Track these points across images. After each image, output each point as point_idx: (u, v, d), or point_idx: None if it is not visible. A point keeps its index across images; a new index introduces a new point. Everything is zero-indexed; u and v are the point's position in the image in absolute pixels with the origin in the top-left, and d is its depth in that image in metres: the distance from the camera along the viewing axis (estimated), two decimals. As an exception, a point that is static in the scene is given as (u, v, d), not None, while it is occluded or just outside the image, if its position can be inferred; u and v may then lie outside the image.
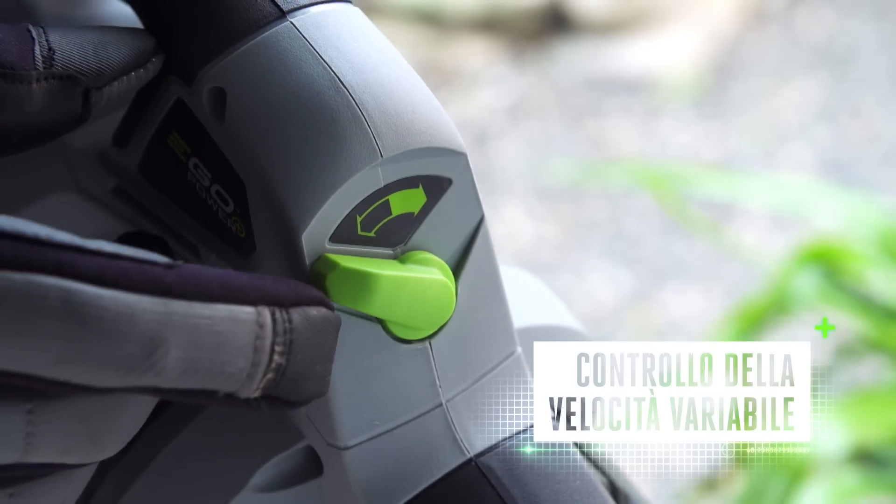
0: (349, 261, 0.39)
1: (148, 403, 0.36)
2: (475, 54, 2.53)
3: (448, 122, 0.40)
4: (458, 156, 0.40)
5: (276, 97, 0.39)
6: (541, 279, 0.54)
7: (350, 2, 0.41)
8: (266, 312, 0.35)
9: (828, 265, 1.59)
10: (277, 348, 0.35)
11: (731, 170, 2.27)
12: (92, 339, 0.33)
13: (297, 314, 0.36)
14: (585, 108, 2.46)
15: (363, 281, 0.39)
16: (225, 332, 0.34)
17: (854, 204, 1.71)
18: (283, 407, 0.36)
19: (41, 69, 0.38)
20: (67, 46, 0.39)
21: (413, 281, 0.40)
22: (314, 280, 0.39)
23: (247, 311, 0.35)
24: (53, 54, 0.38)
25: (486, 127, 2.29)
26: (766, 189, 1.82)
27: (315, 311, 0.37)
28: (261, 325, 0.35)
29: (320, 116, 0.39)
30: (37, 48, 0.38)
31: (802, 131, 2.39)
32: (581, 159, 2.36)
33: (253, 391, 0.35)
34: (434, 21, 2.50)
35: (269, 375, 0.35)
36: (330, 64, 0.39)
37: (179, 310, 0.34)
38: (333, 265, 0.39)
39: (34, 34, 0.38)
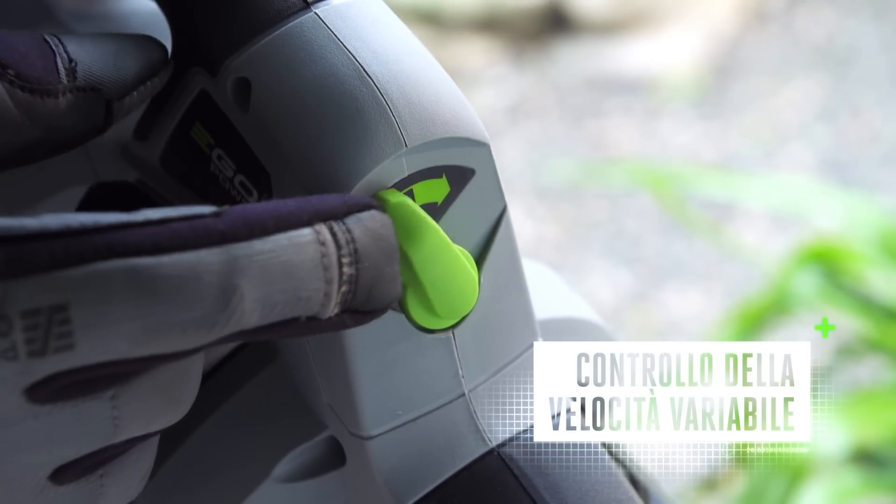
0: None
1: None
2: (475, 54, 2.53)
3: (471, 113, 0.41)
4: (481, 146, 0.41)
5: (300, 87, 0.39)
6: (558, 272, 0.54)
7: (373, -7, 0.42)
8: (323, 229, 0.35)
9: (828, 265, 1.59)
10: (345, 260, 0.36)
11: (731, 170, 2.27)
12: (167, 308, 0.33)
13: (352, 223, 0.36)
14: (585, 108, 2.47)
15: (419, 222, 0.39)
16: (290, 259, 0.34)
17: (854, 204, 1.71)
18: (365, 318, 0.37)
19: (66, 82, 0.38)
20: (86, 57, 0.39)
21: (453, 253, 0.39)
22: None
23: (304, 233, 0.35)
24: (75, 66, 0.38)
25: (486, 127, 2.28)
26: (766, 189, 1.82)
27: (368, 216, 0.37)
28: (322, 243, 0.35)
29: (345, 106, 0.39)
30: (59, 60, 0.38)
31: (802, 131, 2.39)
32: (581, 159, 2.36)
33: (332, 308, 0.36)
34: (434, 21, 2.50)
35: (344, 288, 0.36)
36: (354, 54, 0.39)
37: (241, 252, 0.34)
38: (398, 197, 0.39)
39: (52, 45, 0.38)
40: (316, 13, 0.40)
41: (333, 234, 0.35)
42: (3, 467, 0.34)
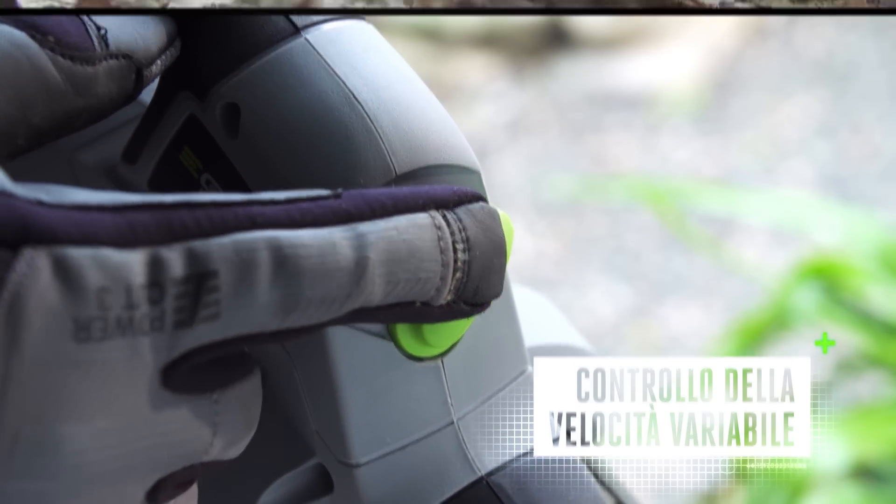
0: None
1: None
2: (475, 70, 2.53)
3: (462, 140, 0.40)
4: (471, 173, 0.40)
5: (289, 113, 0.39)
6: (547, 297, 0.53)
7: (363, 19, 0.41)
8: (437, 214, 0.36)
9: (828, 281, 1.59)
10: (459, 245, 0.36)
11: (731, 185, 2.27)
12: (307, 280, 0.33)
13: (462, 213, 0.37)
14: (585, 124, 2.46)
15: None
16: (412, 239, 0.35)
17: (854, 220, 1.71)
18: (472, 311, 0.38)
19: (100, 50, 0.38)
20: (112, 26, 0.39)
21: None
22: None
23: (421, 216, 0.36)
24: (105, 34, 0.38)
25: (486, 142, 2.29)
26: (766, 205, 1.82)
27: (477, 207, 0.37)
28: (438, 227, 0.36)
29: (334, 133, 0.39)
30: (89, 29, 0.38)
31: (802, 147, 2.39)
32: (581, 175, 2.35)
33: (446, 295, 0.36)
34: (434, 36, 2.50)
35: (458, 275, 0.36)
36: (344, 80, 0.39)
37: (367, 230, 0.34)
38: None
39: (79, 15, 0.38)
40: (306, 38, 0.40)
41: (447, 221, 0.36)
42: (124, 464, 0.33)
